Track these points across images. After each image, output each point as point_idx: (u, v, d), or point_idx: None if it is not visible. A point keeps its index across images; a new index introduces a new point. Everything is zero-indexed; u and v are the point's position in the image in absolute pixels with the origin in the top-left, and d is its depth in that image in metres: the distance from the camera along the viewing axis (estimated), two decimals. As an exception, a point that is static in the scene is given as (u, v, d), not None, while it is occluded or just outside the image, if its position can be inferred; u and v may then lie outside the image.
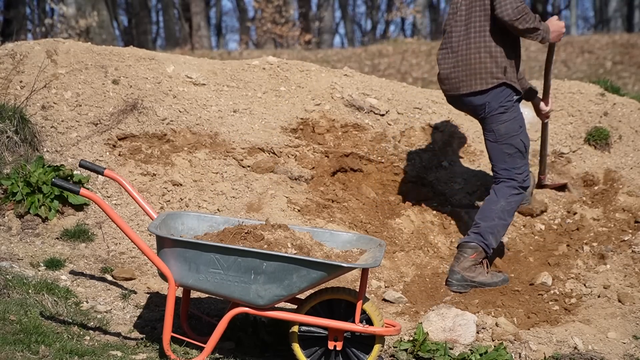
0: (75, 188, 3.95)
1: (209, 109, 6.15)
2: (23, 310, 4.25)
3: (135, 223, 5.31)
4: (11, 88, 5.89)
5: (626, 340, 4.66)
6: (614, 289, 5.18)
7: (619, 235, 5.75)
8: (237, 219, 4.30)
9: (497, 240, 5.27)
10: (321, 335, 4.00)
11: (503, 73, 5.18)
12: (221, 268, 3.85)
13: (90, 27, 19.93)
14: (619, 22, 28.96)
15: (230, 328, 4.16)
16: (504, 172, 5.33)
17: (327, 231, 4.31)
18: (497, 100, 5.22)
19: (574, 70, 17.35)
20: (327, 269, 3.83)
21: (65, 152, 5.60)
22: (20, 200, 5.19)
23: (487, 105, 5.24)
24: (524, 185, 5.35)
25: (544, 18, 5.39)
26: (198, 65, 6.54)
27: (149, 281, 4.91)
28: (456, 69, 5.28)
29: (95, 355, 3.94)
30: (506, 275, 5.35)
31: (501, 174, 5.34)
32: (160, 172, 5.67)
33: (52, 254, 4.98)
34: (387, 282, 5.27)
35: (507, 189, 5.31)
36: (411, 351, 4.31)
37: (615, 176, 6.27)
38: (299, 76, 6.68)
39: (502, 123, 5.27)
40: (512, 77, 5.22)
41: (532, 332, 4.68)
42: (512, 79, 5.22)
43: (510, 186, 5.31)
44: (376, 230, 5.70)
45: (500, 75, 5.19)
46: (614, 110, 6.72)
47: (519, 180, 5.32)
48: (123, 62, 6.25)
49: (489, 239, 5.21)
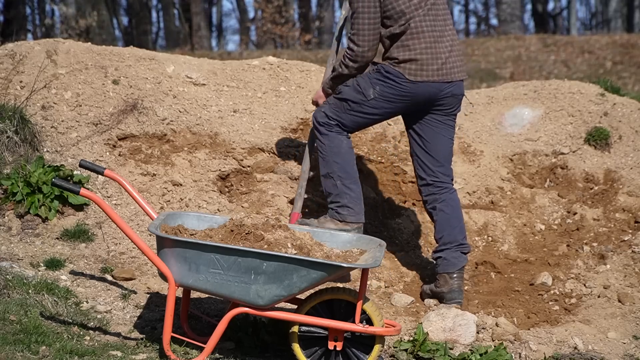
0: (75, 188, 3.95)
1: (209, 109, 6.15)
2: (23, 310, 4.25)
3: (135, 223, 5.31)
4: (11, 88, 5.89)
5: (626, 340, 4.66)
6: (614, 289, 5.18)
7: (619, 235, 5.76)
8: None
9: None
10: (321, 335, 4.00)
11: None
12: (221, 268, 3.85)
13: (90, 27, 19.94)
14: (619, 22, 28.98)
15: (230, 328, 4.15)
16: (452, 179, 5.11)
17: (327, 231, 4.31)
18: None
19: (574, 70, 17.36)
20: (327, 269, 3.83)
21: (65, 152, 5.60)
22: (20, 200, 5.19)
23: (463, 97, 5.03)
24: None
25: (544, 18, 5.38)
26: (198, 66, 6.54)
27: (149, 281, 4.91)
28: (452, 54, 4.90)
29: (95, 355, 3.94)
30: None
31: (452, 180, 5.09)
32: (160, 172, 5.67)
33: (52, 254, 4.98)
34: (387, 282, 5.28)
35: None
36: (411, 351, 4.31)
37: (615, 176, 6.27)
38: (299, 76, 6.68)
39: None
40: None
41: (532, 332, 4.68)
42: None
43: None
44: (376, 230, 5.70)
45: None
46: (614, 110, 6.72)
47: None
48: (123, 62, 6.24)
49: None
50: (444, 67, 4.84)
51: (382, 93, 4.85)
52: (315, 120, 5.01)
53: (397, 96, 4.85)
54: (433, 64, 4.81)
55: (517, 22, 24.19)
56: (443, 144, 5.01)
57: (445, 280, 4.93)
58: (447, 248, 4.98)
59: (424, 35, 4.82)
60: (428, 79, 4.81)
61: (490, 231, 5.91)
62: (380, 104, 4.88)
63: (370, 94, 4.86)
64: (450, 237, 4.98)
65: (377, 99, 4.86)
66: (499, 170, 6.33)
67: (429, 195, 5.02)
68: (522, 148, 6.50)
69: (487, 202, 6.11)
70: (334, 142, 4.95)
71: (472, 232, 5.86)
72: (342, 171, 4.92)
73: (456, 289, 4.91)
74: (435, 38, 4.84)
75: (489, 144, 6.52)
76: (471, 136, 6.53)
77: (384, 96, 4.86)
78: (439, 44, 4.84)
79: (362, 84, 4.89)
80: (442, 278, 4.95)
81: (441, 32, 4.87)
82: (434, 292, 5.01)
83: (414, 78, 4.80)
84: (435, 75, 4.82)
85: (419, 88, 4.82)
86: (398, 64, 4.82)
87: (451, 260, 4.95)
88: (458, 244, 4.98)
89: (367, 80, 4.89)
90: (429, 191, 5.02)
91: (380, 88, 4.85)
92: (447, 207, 5.00)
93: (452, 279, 4.93)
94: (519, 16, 24.80)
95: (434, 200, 5.02)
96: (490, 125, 6.68)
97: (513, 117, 6.74)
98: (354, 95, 4.90)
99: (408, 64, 4.80)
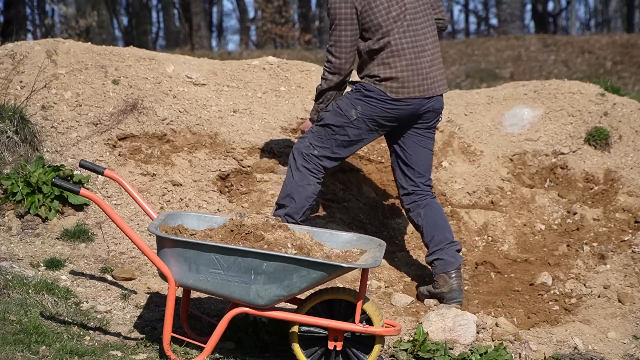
0: (75, 188, 3.95)
1: (209, 109, 6.15)
2: (23, 310, 4.25)
3: (135, 223, 5.31)
4: (11, 88, 5.89)
5: (626, 340, 4.66)
6: (614, 289, 5.18)
7: (619, 235, 5.76)
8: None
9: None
10: (321, 335, 4.00)
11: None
12: (221, 268, 3.85)
13: (90, 27, 19.94)
14: (619, 22, 28.99)
15: (230, 328, 4.16)
16: (431, 187, 5.12)
17: (327, 231, 4.31)
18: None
19: (574, 70, 17.36)
20: (327, 269, 3.83)
21: (65, 152, 5.60)
22: (20, 200, 5.19)
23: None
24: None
25: (544, 18, 5.38)
26: (198, 66, 6.55)
27: (149, 281, 4.91)
28: (433, 68, 4.87)
29: (95, 355, 3.94)
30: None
31: (431, 188, 5.11)
32: (160, 172, 5.67)
33: (52, 254, 4.98)
34: (387, 282, 5.28)
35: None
36: (411, 351, 4.31)
37: (615, 176, 6.27)
38: (299, 76, 6.68)
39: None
40: None
41: (532, 332, 4.68)
42: None
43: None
44: (376, 230, 5.70)
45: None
46: (614, 110, 6.72)
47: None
48: (123, 62, 6.25)
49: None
50: (425, 82, 4.83)
51: (364, 112, 4.83)
52: (297, 148, 4.95)
53: (380, 115, 4.83)
54: (414, 80, 4.80)
55: (517, 22, 24.18)
56: (423, 156, 5.02)
57: (445, 280, 4.93)
58: (441, 248, 4.97)
59: (404, 53, 4.79)
60: (409, 96, 4.80)
61: (490, 231, 5.91)
62: (363, 124, 4.85)
63: (353, 114, 4.84)
64: (441, 236, 4.98)
65: (360, 118, 4.84)
66: (499, 170, 6.33)
67: (411, 203, 5.04)
68: (522, 148, 6.50)
69: (487, 202, 6.11)
70: (302, 181, 4.89)
71: (472, 232, 5.86)
72: (292, 210, 4.88)
73: (456, 289, 4.91)
74: (416, 54, 4.81)
75: (489, 144, 6.52)
76: (471, 136, 6.53)
77: (367, 115, 4.83)
78: (419, 59, 4.82)
79: (342, 106, 4.87)
80: (441, 278, 4.95)
81: (422, 47, 4.84)
82: (432, 293, 5.01)
83: (395, 96, 4.79)
84: (417, 91, 4.81)
85: (401, 105, 4.81)
86: (379, 82, 4.81)
87: (448, 260, 4.95)
88: (450, 242, 4.98)
89: (347, 101, 4.87)
90: (411, 199, 5.04)
91: (362, 107, 4.83)
92: (430, 210, 5.02)
93: (451, 279, 4.93)
94: (519, 16, 24.80)
95: (416, 206, 5.03)
96: (490, 125, 6.68)
97: (513, 117, 6.74)
98: (335, 119, 4.87)
99: (389, 82, 4.79)
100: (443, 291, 4.93)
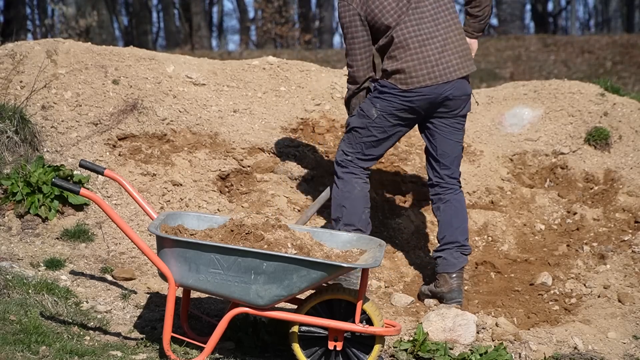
0: (75, 188, 3.95)
1: (209, 109, 6.15)
2: (23, 310, 4.25)
3: (135, 223, 5.31)
4: (11, 88, 5.89)
5: (626, 340, 4.66)
6: (614, 289, 5.18)
7: (619, 235, 5.76)
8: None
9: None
10: (321, 335, 4.00)
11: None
12: (221, 268, 3.85)
13: (90, 27, 19.93)
14: (618, 22, 28.99)
15: (230, 328, 4.15)
16: (459, 180, 5.08)
17: (327, 231, 4.31)
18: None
19: (574, 70, 17.37)
20: (327, 269, 3.83)
21: (65, 152, 5.60)
22: (20, 200, 5.19)
23: (470, 96, 4.97)
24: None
25: (544, 18, 5.37)
26: (198, 65, 6.55)
27: (149, 281, 4.91)
28: (445, 53, 4.82)
29: (95, 355, 3.94)
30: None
31: (458, 181, 5.06)
32: (160, 172, 5.67)
33: (52, 254, 4.98)
34: (387, 282, 5.28)
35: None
36: (411, 351, 4.31)
37: (615, 176, 6.27)
38: (299, 76, 6.68)
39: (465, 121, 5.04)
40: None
41: (532, 332, 4.68)
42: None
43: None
44: (376, 230, 5.70)
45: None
46: (614, 110, 6.72)
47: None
48: (123, 62, 6.25)
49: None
50: (435, 69, 4.80)
51: (383, 108, 4.87)
52: (335, 161, 5.06)
53: (397, 108, 4.85)
54: (422, 69, 4.79)
55: (517, 22, 24.19)
56: (450, 147, 4.98)
57: (445, 280, 4.94)
58: (448, 248, 4.99)
59: (407, 43, 4.79)
60: (420, 85, 4.79)
61: (490, 231, 5.91)
62: (385, 121, 4.89)
63: (374, 113, 4.88)
64: (452, 238, 4.99)
65: (381, 116, 4.88)
66: (499, 170, 6.33)
67: (435, 195, 5.07)
68: (522, 148, 6.50)
69: (487, 202, 6.11)
70: (347, 186, 4.96)
71: (472, 232, 5.85)
72: (347, 218, 4.92)
73: (456, 289, 4.92)
74: (420, 43, 4.80)
75: (489, 144, 6.52)
76: (471, 136, 6.54)
77: (386, 111, 4.87)
78: (425, 47, 4.80)
79: (364, 107, 4.94)
80: (442, 278, 4.96)
81: (429, 35, 4.82)
82: (433, 292, 5.02)
83: (405, 87, 4.80)
84: (427, 79, 4.79)
85: (413, 95, 4.81)
86: (389, 76, 4.85)
87: (451, 261, 4.96)
88: (459, 245, 4.99)
89: (367, 102, 4.94)
90: (435, 191, 5.06)
91: (380, 104, 4.87)
92: (450, 207, 5.02)
93: (451, 279, 4.94)
94: (519, 16, 24.81)
95: (438, 199, 5.05)
96: (490, 125, 6.68)
97: (513, 117, 6.74)
98: (359, 121, 4.94)
99: (398, 75, 4.82)
100: (443, 291, 4.94)
